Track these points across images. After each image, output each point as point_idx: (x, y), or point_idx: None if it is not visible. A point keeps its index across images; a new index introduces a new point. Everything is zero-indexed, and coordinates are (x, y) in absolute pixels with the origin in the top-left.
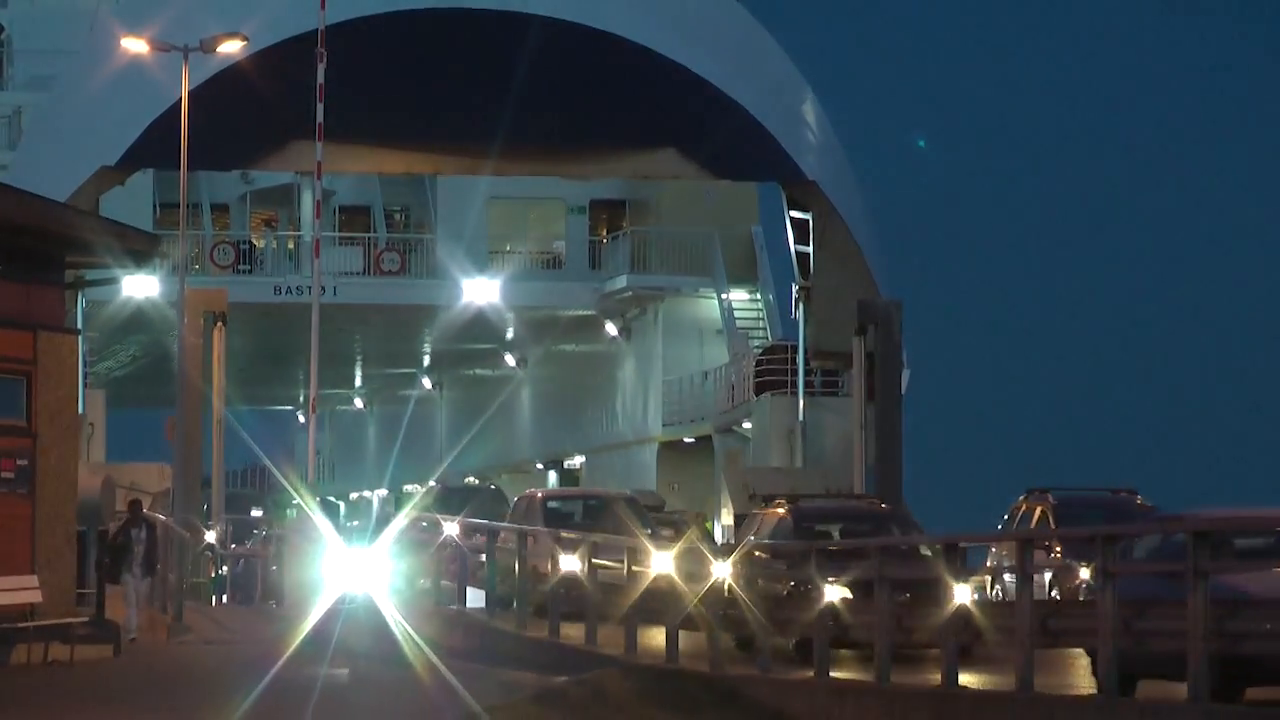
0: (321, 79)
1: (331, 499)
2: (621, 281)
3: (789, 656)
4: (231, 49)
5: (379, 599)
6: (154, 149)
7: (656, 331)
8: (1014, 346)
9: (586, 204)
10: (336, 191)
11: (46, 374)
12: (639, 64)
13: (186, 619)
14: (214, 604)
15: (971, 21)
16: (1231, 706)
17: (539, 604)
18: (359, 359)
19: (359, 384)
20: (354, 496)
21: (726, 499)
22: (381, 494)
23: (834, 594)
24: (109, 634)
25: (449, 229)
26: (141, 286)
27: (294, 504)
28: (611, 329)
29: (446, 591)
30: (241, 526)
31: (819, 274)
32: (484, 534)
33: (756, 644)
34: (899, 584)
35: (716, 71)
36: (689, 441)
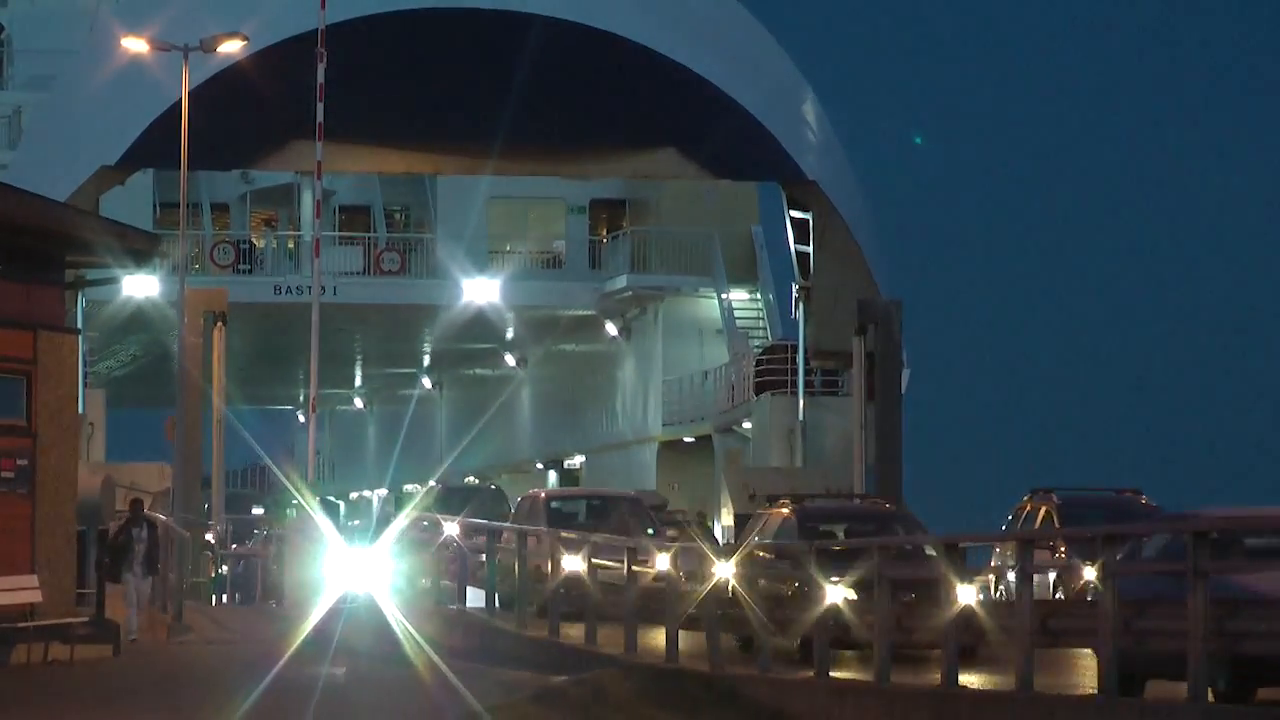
0: (321, 79)
1: (331, 499)
2: (621, 281)
3: (794, 657)
4: (232, 49)
5: (380, 598)
6: (154, 149)
7: (656, 331)
8: (1014, 346)
9: (586, 204)
10: (336, 191)
11: (46, 374)
12: (639, 64)
13: (186, 619)
14: (214, 604)
15: (972, 21)
16: (1231, 706)
17: (542, 604)
18: (359, 359)
19: (359, 384)
20: (354, 496)
21: (726, 499)
22: (381, 494)
23: (838, 594)
24: (109, 634)
25: (449, 229)
26: (141, 286)
27: (294, 503)
28: (611, 329)
29: (447, 591)
30: (242, 526)
31: (819, 274)
32: (485, 534)
33: (759, 644)
34: (904, 584)
35: (717, 71)
36: (689, 441)
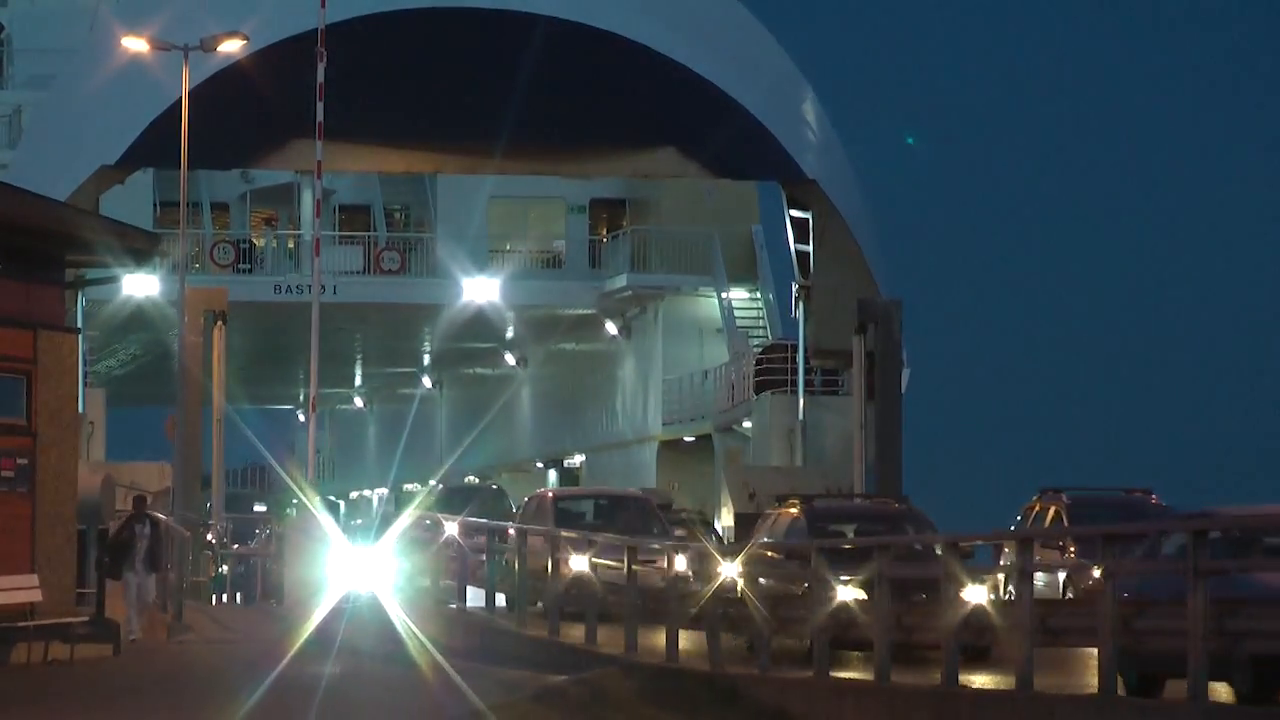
0: (321, 78)
1: (331, 498)
2: (621, 280)
3: (804, 657)
4: (232, 48)
5: (383, 598)
6: (154, 148)
7: (656, 330)
8: (1014, 345)
9: (587, 203)
10: (336, 190)
11: (46, 373)
12: (639, 63)
13: (187, 618)
14: (214, 603)
15: (973, 21)
16: (1232, 706)
17: (551, 604)
18: (359, 358)
19: (359, 383)
20: (354, 495)
21: (726, 498)
22: (382, 493)
23: (848, 594)
24: (109, 633)
25: (449, 228)
26: (141, 285)
27: (294, 502)
28: (611, 328)
29: (448, 590)
30: (243, 525)
31: (819, 273)
32: (490, 534)
33: (769, 645)
34: (915, 584)
35: (717, 71)
36: (689, 440)
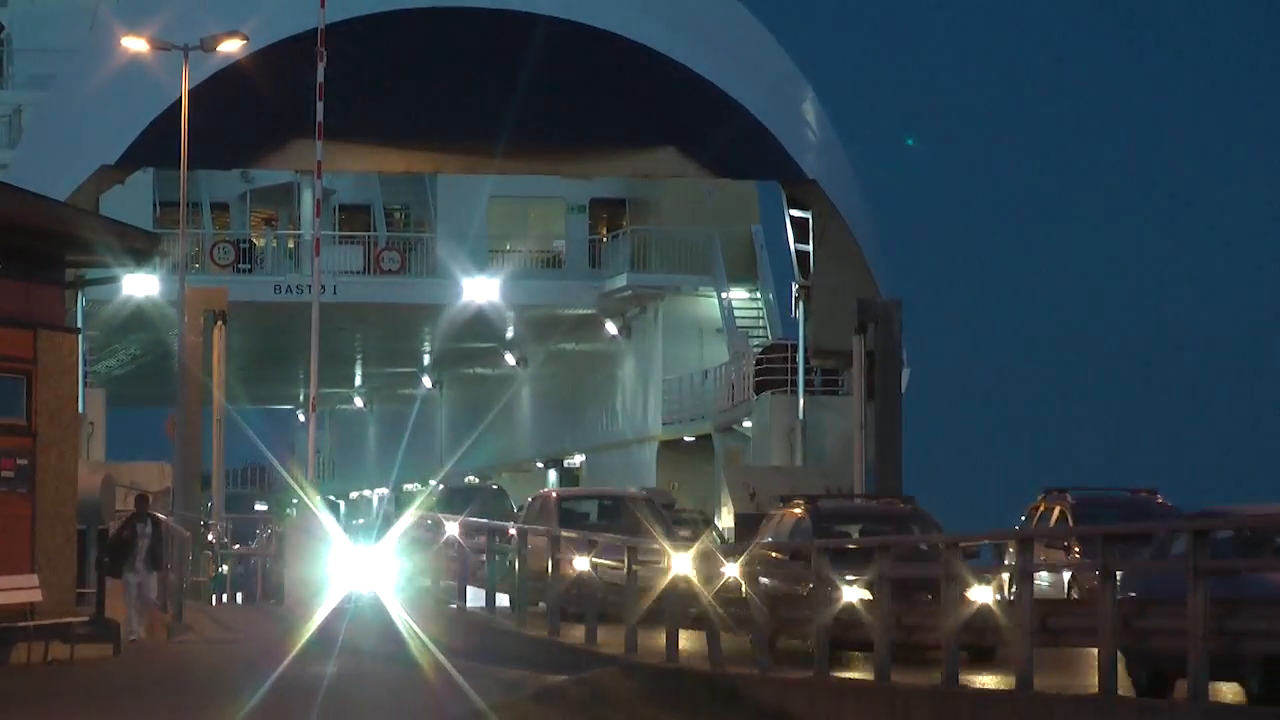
0: (321, 78)
1: (331, 498)
2: (621, 280)
3: (810, 658)
4: (231, 48)
5: (385, 597)
6: (154, 148)
7: (656, 330)
8: (1014, 345)
9: (587, 203)
10: (336, 190)
11: (46, 373)
12: (639, 63)
13: (187, 618)
14: (214, 603)
15: (973, 21)
16: (1232, 706)
17: (557, 604)
18: (359, 358)
19: (359, 383)
20: (353, 495)
21: (727, 498)
22: (382, 493)
23: (854, 595)
24: (109, 633)
25: (449, 228)
26: (141, 285)
27: (294, 502)
28: (611, 328)
29: (449, 590)
30: (244, 525)
31: (819, 273)
32: (493, 535)
33: (777, 645)
34: (920, 584)
35: (717, 71)
36: (689, 440)
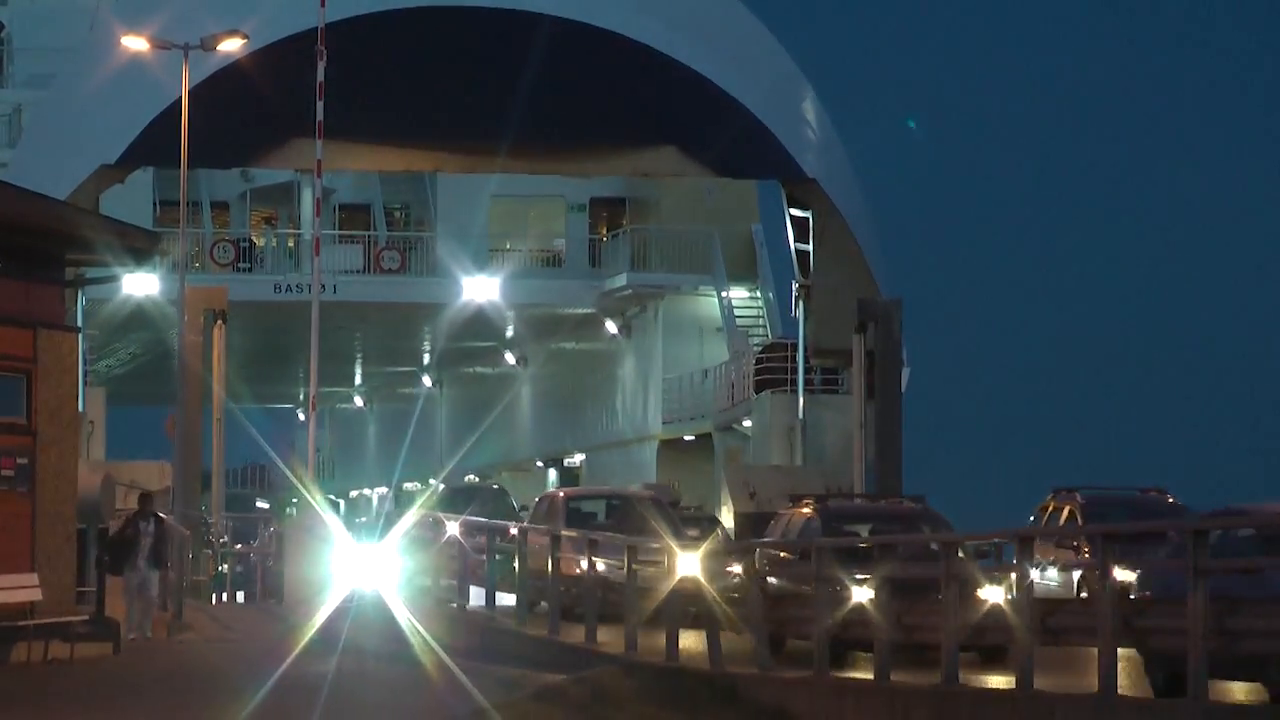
0: (321, 77)
1: (331, 497)
2: (622, 279)
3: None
4: (231, 47)
5: (387, 596)
6: (154, 147)
7: (656, 329)
8: (1015, 344)
9: (587, 202)
10: (336, 189)
11: (46, 372)
12: (639, 62)
13: (187, 617)
14: (214, 602)
15: (973, 20)
16: (1232, 706)
17: (553, 604)
18: (359, 357)
19: (359, 382)
20: (353, 494)
21: (727, 497)
22: (382, 492)
23: (863, 594)
24: (109, 632)
25: (449, 227)
26: (141, 284)
27: (294, 501)
28: (612, 327)
29: (450, 590)
30: (245, 524)
31: (819, 272)
32: (493, 534)
33: (785, 645)
34: (932, 584)
35: (717, 70)
36: (689, 439)
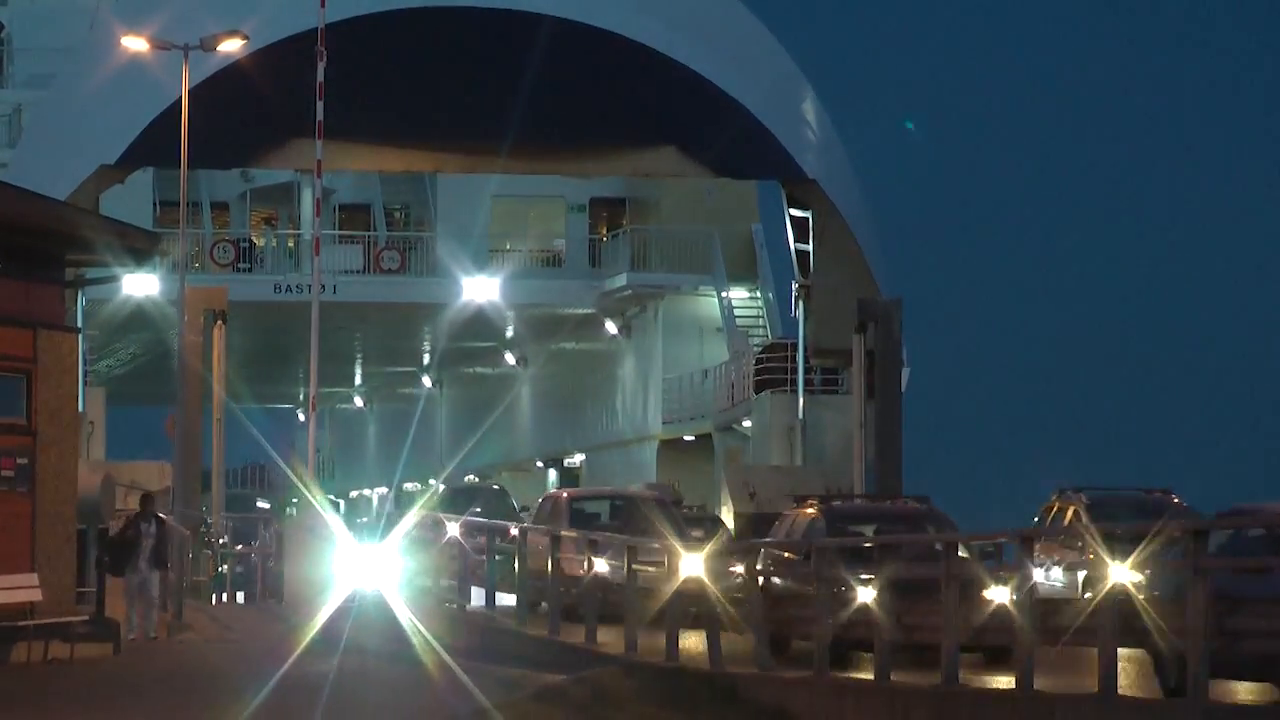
0: (321, 77)
1: (331, 497)
2: (622, 280)
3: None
4: (231, 47)
5: (389, 596)
6: (154, 147)
7: (656, 330)
8: (1015, 344)
9: (587, 202)
10: (336, 190)
11: (46, 372)
12: (639, 62)
13: (187, 617)
14: (214, 602)
15: (973, 19)
16: (1232, 706)
17: (554, 604)
18: (359, 357)
19: (359, 382)
20: (353, 495)
21: (727, 497)
22: (382, 492)
23: (868, 594)
24: (109, 632)
25: (449, 227)
26: (141, 285)
27: (294, 502)
28: (611, 327)
29: (451, 590)
30: (246, 524)
31: (819, 272)
32: (493, 535)
33: (790, 645)
34: (935, 585)
35: (717, 70)
36: (689, 439)
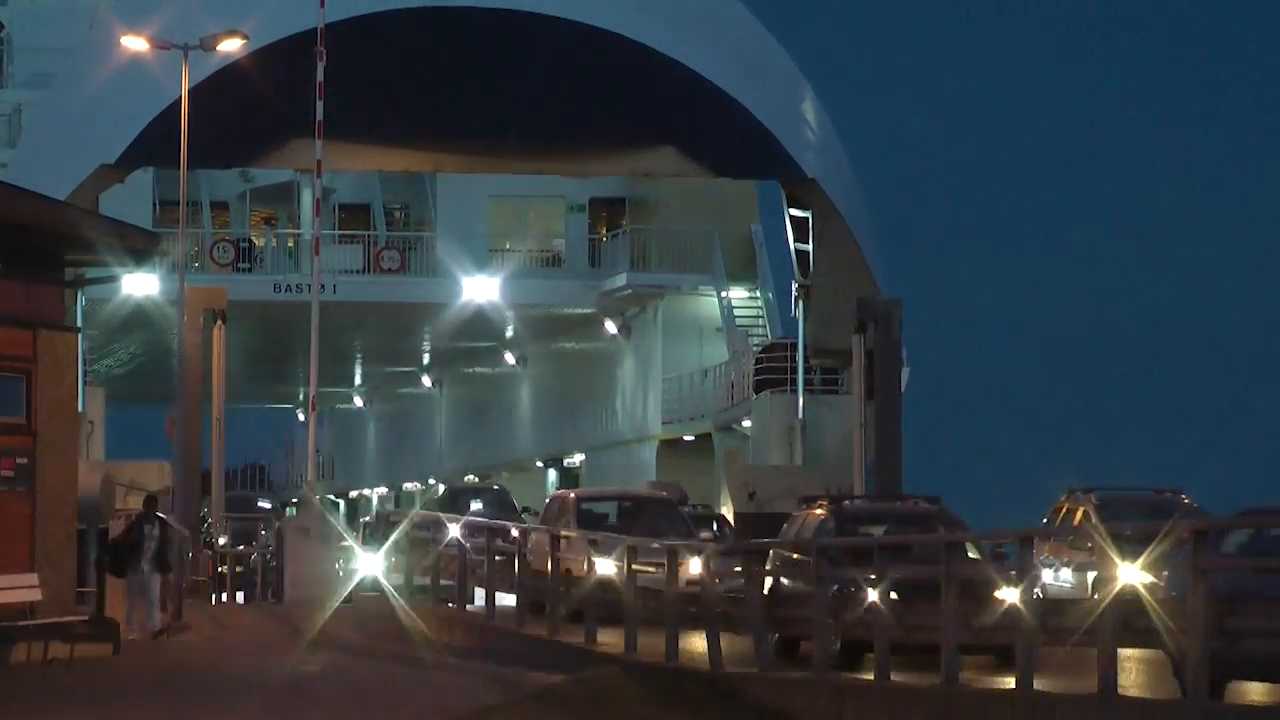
0: (321, 77)
1: (330, 497)
2: (621, 279)
3: (834, 660)
4: (231, 47)
5: (389, 595)
6: (154, 147)
7: (656, 330)
8: (1015, 343)
9: (586, 202)
10: (336, 189)
11: (46, 372)
12: (639, 62)
13: (187, 617)
14: (214, 602)
15: (973, 19)
16: (1232, 706)
17: (554, 604)
18: (359, 357)
19: (359, 382)
20: (353, 494)
21: (726, 498)
22: (381, 492)
23: (875, 596)
24: (109, 632)
25: (449, 227)
26: (141, 284)
27: (295, 502)
28: (611, 327)
29: (451, 590)
30: (246, 524)
31: (818, 272)
32: (493, 535)
33: (803, 650)
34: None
35: (716, 70)
36: (688, 440)
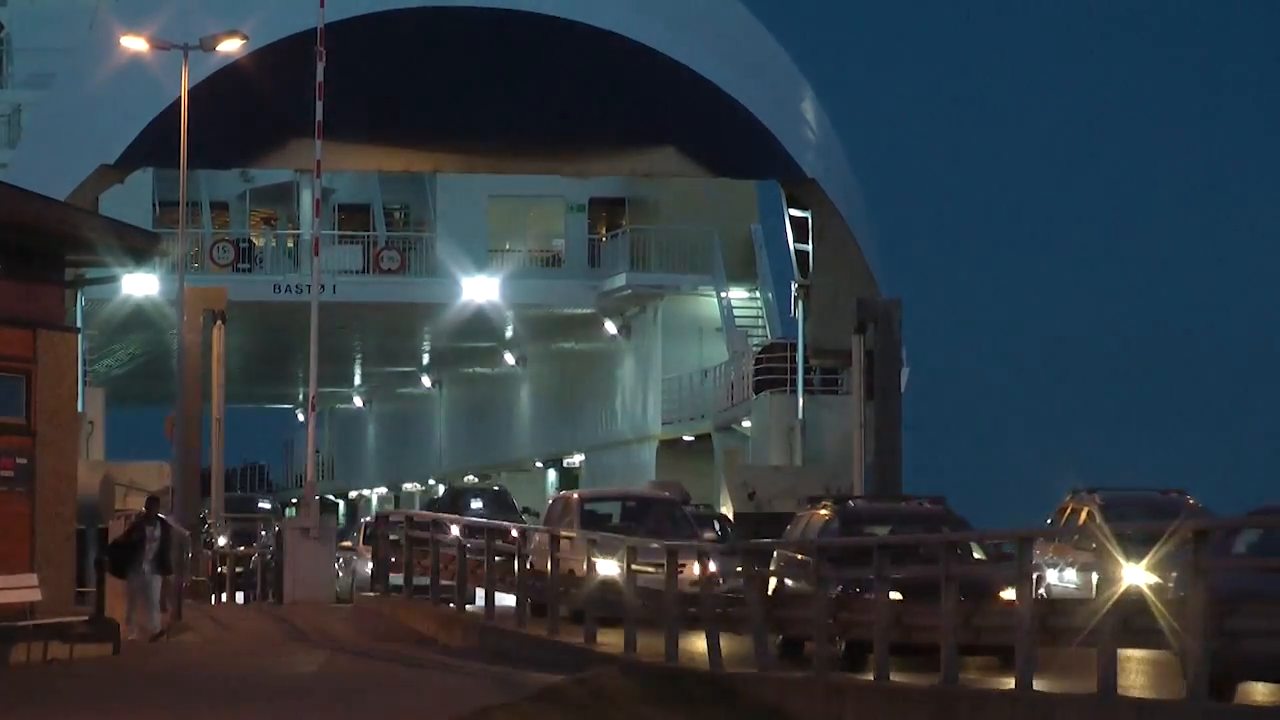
0: (321, 77)
1: (330, 497)
2: (621, 280)
3: (842, 662)
4: (231, 47)
5: (389, 594)
6: (153, 147)
7: (656, 330)
8: (1015, 343)
9: (586, 202)
10: (336, 190)
11: (46, 372)
12: (639, 62)
13: (187, 617)
14: (214, 602)
15: (973, 19)
16: (1230, 706)
17: (553, 604)
18: (358, 357)
19: (358, 382)
20: (353, 495)
21: (726, 498)
22: (381, 492)
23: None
24: (108, 633)
25: (448, 227)
26: (141, 285)
27: (294, 502)
28: (611, 327)
29: (450, 590)
30: (246, 524)
31: (818, 272)
32: (492, 535)
33: (807, 650)
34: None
35: (716, 70)
36: (688, 440)
